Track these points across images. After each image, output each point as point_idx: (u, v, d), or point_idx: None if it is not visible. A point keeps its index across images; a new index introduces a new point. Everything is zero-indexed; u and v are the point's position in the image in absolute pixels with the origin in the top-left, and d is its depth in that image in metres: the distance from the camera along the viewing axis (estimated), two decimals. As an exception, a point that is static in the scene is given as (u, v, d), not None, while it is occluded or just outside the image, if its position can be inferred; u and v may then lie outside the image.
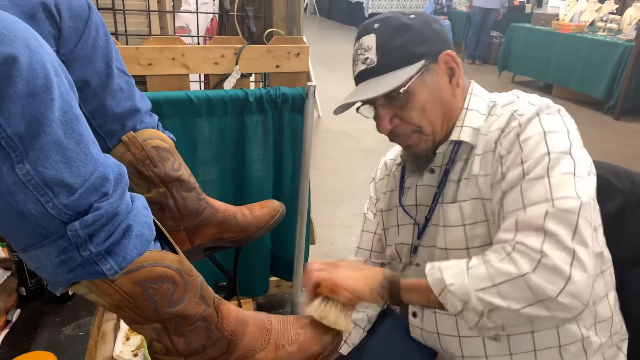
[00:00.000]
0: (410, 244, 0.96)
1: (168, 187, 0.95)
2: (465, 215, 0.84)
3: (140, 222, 0.58)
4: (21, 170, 0.48)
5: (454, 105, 0.87)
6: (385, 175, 1.09)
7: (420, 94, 0.83)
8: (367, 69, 0.84)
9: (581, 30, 5.58)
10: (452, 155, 0.88)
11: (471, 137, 0.85)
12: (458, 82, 0.87)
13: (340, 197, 3.06)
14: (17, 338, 0.89)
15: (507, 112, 0.82)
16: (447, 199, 0.88)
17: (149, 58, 1.43)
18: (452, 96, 0.87)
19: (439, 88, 0.85)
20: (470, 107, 0.88)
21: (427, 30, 0.84)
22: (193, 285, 0.64)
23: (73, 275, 0.54)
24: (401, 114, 0.85)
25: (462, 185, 0.86)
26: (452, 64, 0.86)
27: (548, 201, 0.70)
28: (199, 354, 0.68)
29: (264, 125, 1.53)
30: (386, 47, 0.82)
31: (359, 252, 1.15)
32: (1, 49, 0.45)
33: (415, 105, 0.84)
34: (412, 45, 0.82)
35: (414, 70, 0.81)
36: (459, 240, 0.85)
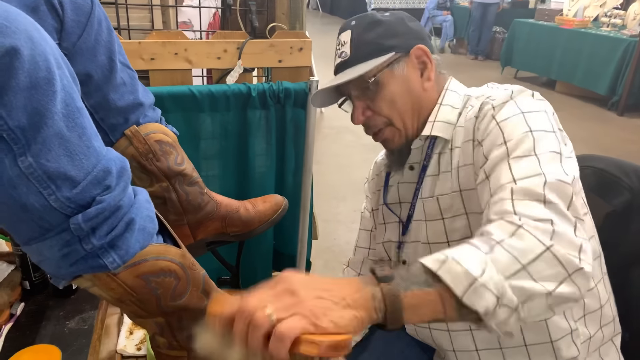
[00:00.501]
0: (396, 241, 0.98)
1: (171, 181, 0.95)
2: (444, 208, 0.85)
3: (143, 216, 0.58)
4: (23, 163, 0.48)
5: (424, 99, 0.89)
6: (375, 175, 1.11)
7: (389, 85, 0.86)
8: (342, 61, 0.89)
9: (585, 26, 5.54)
10: (428, 151, 0.89)
11: (443, 131, 0.86)
12: (430, 76, 0.89)
13: (342, 193, 3.06)
14: (21, 331, 0.90)
15: (479, 101, 0.83)
16: (425, 193, 0.89)
17: (151, 53, 1.42)
18: (422, 90, 0.88)
19: (409, 81, 0.87)
20: (444, 103, 0.89)
21: (400, 25, 0.88)
22: (195, 279, 0.64)
23: (76, 268, 0.54)
24: (372, 105, 0.88)
25: (440, 179, 0.86)
26: (424, 58, 0.88)
27: (540, 174, 0.66)
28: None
29: (267, 120, 1.53)
30: (358, 41, 0.87)
31: (357, 250, 1.17)
32: (3, 40, 0.45)
33: (385, 96, 0.86)
34: (383, 39, 0.86)
35: (382, 60, 0.85)
36: (439, 234, 0.86)
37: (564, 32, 5.51)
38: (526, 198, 0.64)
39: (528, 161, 0.69)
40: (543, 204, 0.63)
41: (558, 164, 0.69)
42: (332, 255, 2.40)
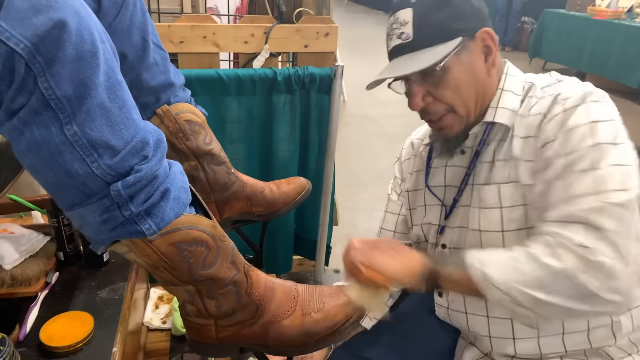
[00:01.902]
0: (437, 225, 0.96)
1: (199, 160, 0.97)
2: (504, 197, 0.82)
3: (177, 187, 0.60)
4: (69, 131, 0.50)
5: (488, 85, 0.85)
6: (412, 155, 1.07)
7: (455, 71, 0.81)
8: (402, 44, 0.82)
9: (618, 17, 5.37)
10: (484, 137, 0.86)
11: (507, 118, 0.83)
12: (494, 61, 0.85)
13: (363, 181, 3.07)
14: (56, 299, 0.94)
15: (549, 96, 0.79)
16: (480, 180, 0.86)
17: (180, 36, 1.45)
18: (487, 75, 0.84)
19: (475, 66, 0.83)
20: (505, 88, 0.85)
21: (466, 6, 0.82)
22: (225, 250, 0.67)
23: (115, 233, 0.57)
24: (435, 92, 0.83)
25: (497, 166, 0.84)
26: (489, 42, 0.83)
27: (595, 194, 0.68)
28: (229, 317, 0.71)
29: (292, 105, 1.55)
30: (423, 22, 0.80)
31: (382, 232, 1.15)
32: (52, 14, 0.47)
33: (450, 84, 0.81)
34: (450, 22, 0.80)
35: (451, 48, 0.79)
36: (494, 223, 0.84)
37: (596, 23, 5.35)
38: (575, 221, 0.69)
39: (587, 178, 0.69)
40: (590, 229, 0.67)
41: (619, 179, 0.68)
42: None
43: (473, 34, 0.82)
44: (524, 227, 0.81)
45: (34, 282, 0.93)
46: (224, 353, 0.77)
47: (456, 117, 0.85)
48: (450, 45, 0.80)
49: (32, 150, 0.51)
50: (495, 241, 0.83)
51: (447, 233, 0.94)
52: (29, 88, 0.48)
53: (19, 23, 0.46)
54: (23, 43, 0.46)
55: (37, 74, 0.48)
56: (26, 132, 0.50)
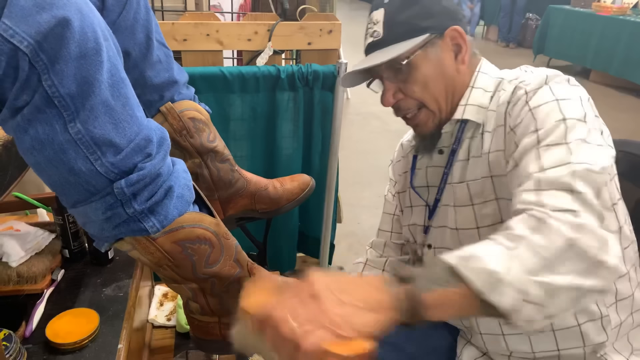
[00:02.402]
0: (422, 225, 0.98)
1: (203, 157, 0.98)
2: (474, 194, 0.84)
3: (180, 184, 0.61)
4: (73, 128, 0.51)
5: (458, 82, 0.87)
6: (401, 157, 1.09)
7: (422, 67, 0.84)
8: (373, 41, 0.86)
9: (624, 13, 5.33)
10: (459, 135, 0.87)
11: (475, 114, 0.85)
12: (464, 59, 0.86)
13: (367, 179, 3.06)
14: (62, 296, 0.95)
15: (513, 84, 0.81)
16: (455, 178, 0.88)
17: (184, 34, 1.45)
18: (456, 73, 0.86)
19: (443, 63, 0.85)
20: (475, 85, 0.87)
21: (435, 5, 0.85)
22: (228, 248, 0.67)
23: (118, 231, 0.57)
24: (404, 88, 0.86)
25: (470, 164, 0.85)
26: (458, 40, 0.85)
27: (569, 163, 0.65)
28: (232, 314, 0.71)
29: (295, 102, 1.55)
30: (392, 21, 0.84)
31: (379, 232, 1.18)
32: (56, 12, 0.47)
33: (418, 79, 0.84)
34: (418, 19, 0.83)
35: (416, 42, 0.83)
36: (469, 220, 0.85)
37: (601, 19, 5.31)
38: (552, 188, 0.64)
39: (558, 150, 0.68)
40: (570, 194, 0.62)
41: (589, 152, 0.67)
42: (356, 239, 2.41)
43: (442, 31, 0.84)
44: (498, 221, 0.81)
45: (40, 279, 0.94)
46: (228, 350, 0.78)
47: (429, 114, 0.87)
48: (416, 41, 0.83)
49: (36, 148, 0.51)
50: (472, 238, 0.84)
51: (432, 233, 0.96)
52: (33, 86, 0.48)
53: (23, 21, 0.46)
54: (27, 41, 0.46)
55: (41, 71, 0.48)
56: (30, 130, 0.50)
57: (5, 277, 0.91)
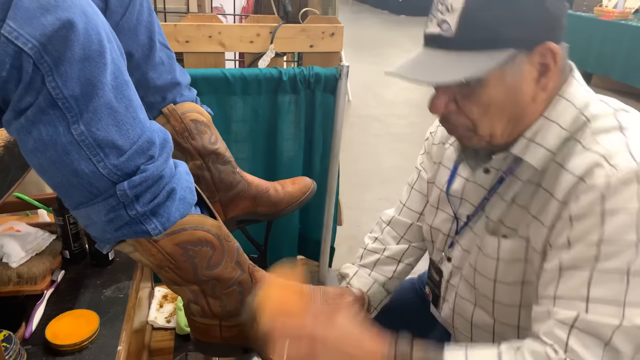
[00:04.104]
0: (446, 235, 0.90)
1: (205, 159, 0.98)
2: (503, 251, 0.74)
3: (183, 187, 0.61)
4: (76, 130, 0.51)
5: (529, 111, 0.69)
6: (442, 142, 0.94)
7: (492, 89, 0.66)
8: (440, 35, 0.67)
9: (625, 17, 5.34)
10: (513, 166, 0.74)
11: (539, 161, 0.69)
12: (546, 85, 0.67)
13: (368, 181, 3.06)
14: (62, 297, 0.95)
15: (594, 153, 0.63)
16: (493, 215, 0.77)
17: (186, 35, 1.46)
18: (531, 100, 0.68)
19: (520, 89, 0.67)
20: (551, 117, 0.69)
21: (535, 10, 0.64)
22: (230, 251, 0.67)
23: (120, 233, 0.57)
24: (461, 102, 0.69)
25: (512, 211, 0.73)
26: (548, 59, 0.66)
27: (620, 305, 0.57)
28: (233, 317, 0.71)
29: (297, 105, 1.55)
30: (472, 19, 0.63)
31: (404, 210, 1.02)
32: (60, 14, 0.47)
33: (481, 100, 0.67)
34: (506, 26, 0.63)
35: (496, 62, 0.63)
36: (489, 270, 0.77)
37: (602, 23, 5.32)
38: (588, 331, 0.58)
39: (615, 281, 0.58)
40: (603, 347, 0.57)
41: None
42: (356, 242, 2.41)
43: (532, 46, 0.65)
44: (519, 281, 0.73)
45: (40, 280, 0.94)
46: (228, 353, 0.77)
47: (476, 136, 0.72)
48: (496, 57, 0.64)
49: (39, 149, 0.51)
50: (487, 287, 0.77)
51: (456, 249, 0.88)
52: (37, 87, 0.48)
53: (27, 23, 0.46)
54: (31, 42, 0.46)
55: (45, 73, 0.48)
56: (33, 132, 0.50)
57: (5, 278, 0.91)
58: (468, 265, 0.82)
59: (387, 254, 1.02)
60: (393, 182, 3.02)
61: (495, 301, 0.77)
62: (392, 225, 1.04)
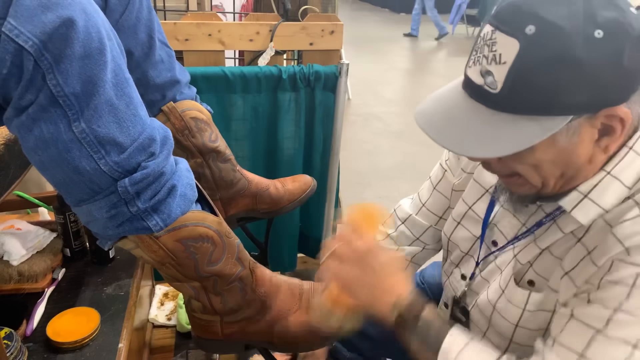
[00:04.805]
0: (463, 253, 0.85)
1: (205, 157, 0.98)
2: (531, 303, 0.70)
3: (183, 183, 0.61)
4: (77, 128, 0.51)
5: (584, 170, 0.61)
6: None
7: (541, 153, 0.58)
8: (483, 89, 0.57)
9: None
10: (557, 213, 0.67)
11: (589, 219, 0.61)
12: (609, 148, 0.58)
13: (368, 179, 3.06)
14: (63, 295, 0.95)
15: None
16: (523, 258, 0.71)
17: (186, 34, 1.46)
18: (587, 162, 0.60)
19: (575, 151, 0.58)
20: (614, 172, 0.60)
21: (608, 70, 0.52)
22: (231, 247, 0.67)
23: (122, 229, 0.57)
24: (509, 162, 0.62)
25: (546, 259, 0.68)
26: (615, 124, 0.56)
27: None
28: (234, 313, 0.71)
29: (296, 103, 1.55)
30: (524, 80, 0.53)
31: (423, 211, 0.95)
32: (61, 12, 0.47)
33: (529, 161, 0.60)
34: (568, 91, 0.52)
35: (550, 131, 0.54)
36: (511, 317, 0.72)
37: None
38: None
39: (616, 350, 0.55)
40: None
41: None
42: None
43: (596, 111, 0.55)
44: (543, 328, 0.70)
45: (41, 278, 0.94)
46: (229, 350, 0.78)
47: (527, 184, 0.64)
48: (548, 127, 0.54)
49: (41, 147, 0.51)
50: (505, 328, 0.74)
51: (473, 270, 0.83)
52: (38, 85, 0.48)
53: (28, 21, 0.46)
54: (32, 40, 0.47)
55: (46, 71, 0.48)
56: (34, 129, 0.50)
57: (6, 276, 0.92)
58: (486, 301, 0.77)
59: None
60: (393, 180, 3.02)
61: (513, 341, 0.74)
62: (408, 224, 0.97)
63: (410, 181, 2.94)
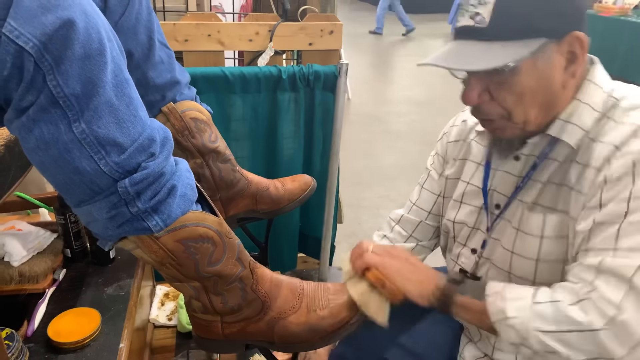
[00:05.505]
0: (470, 227, 0.90)
1: (205, 158, 0.98)
2: (548, 227, 0.75)
3: (183, 183, 0.61)
4: (77, 128, 0.51)
5: (560, 97, 0.73)
6: (461, 139, 0.95)
7: (525, 77, 0.70)
8: (474, 27, 0.70)
9: (625, 13, 5.33)
10: (547, 150, 0.76)
11: (574, 137, 0.72)
12: (575, 72, 0.72)
13: (368, 179, 3.07)
14: (63, 295, 0.95)
15: (630, 124, 0.68)
16: (527, 198, 0.78)
17: (185, 34, 1.46)
18: (561, 87, 0.72)
19: (550, 76, 0.71)
20: (583, 100, 0.73)
21: (565, 3, 0.69)
22: (231, 247, 0.67)
23: (122, 230, 0.58)
24: (495, 91, 0.72)
25: (549, 190, 0.76)
26: (576, 48, 0.70)
27: None
28: (235, 313, 0.71)
29: (296, 103, 1.55)
30: (505, 10, 0.67)
31: (414, 209, 1.03)
32: (61, 13, 0.48)
33: (515, 88, 0.70)
34: (537, 16, 0.67)
35: (529, 50, 0.67)
36: (531, 250, 0.77)
37: (602, 19, 5.31)
38: (612, 274, 0.63)
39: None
40: (626, 287, 0.62)
41: None
42: (356, 240, 2.40)
43: (561, 36, 0.69)
44: (561, 259, 0.75)
45: (42, 278, 0.95)
46: (230, 349, 0.78)
47: (510, 124, 0.75)
48: (528, 46, 0.68)
49: (41, 147, 0.52)
50: (526, 268, 0.78)
51: (484, 239, 0.88)
52: (38, 86, 0.49)
53: (28, 22, 0.47)
54: (32, 42, 0.47)
55: (46, 72, 0.48)
56: (35, 130, 0.51)
57: (7, 277, 0.92)
58: (502, 251, 0.82)
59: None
60: (393, 179, 3.02)
61: (536, 282, 0.78)
62: (401, 223, 1.06)
63: (410, 181, 2.94)
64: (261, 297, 0.72)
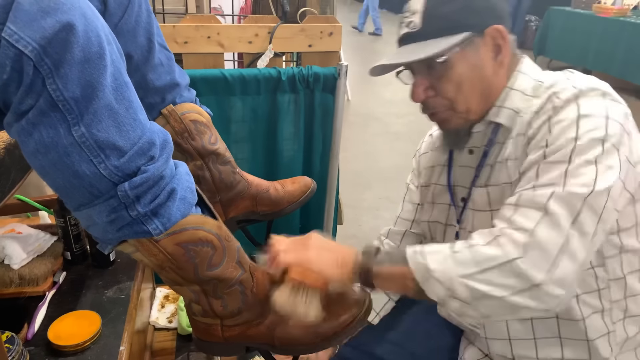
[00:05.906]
0: (443, 224, 0.95)
1: (205, 160, 0.98)
2: (493, 200, 0.82)
3: (183, 187, 0.61)
4: (77, 132, 0.51)
5: (494, 84, 0.82)
6: (430, 149, 1.05)
7: (459, 67, 0.79)
8: (409, 33, 0.82)
9: (624, 14, 5.34)
10: (492, 137, 0.84)
11: (508, 119, 0.81)
12: (503, 61, 0.82)
13: (368, 180, 3.07)
14: (63, 298, 0.95)
15: (546, 94, 0.77)
16: (481, 182, 0.86)
17: (185, 36, 1.46)
18: (493, 75, 0.82)
19: (480, 64, 0.80)
20: (514, 87, 0.82)
21: (479, 1, 0.80)
22: (231, 251, 0.67)
23: (122, 233, 0.58)
24: (437, 86, 0.82)
25: (495, 169, 0.83)
26: (499, 40, 0.80)
27: (559, 185, 0.67)
28: (235, 316, 0.71)
29: (296, 105, 1.55)
30: (432, 13, 0.79)
31: (399, 221, 1.13)
32: (60, 16, 0.48)
33: (452, 79, 0.80)
34: (459, 15, 0.79)
35: (456, 41, 0.78)
36: (485, 225, 0.79)
37: (601, 20, 5.32)
38: (529, 206, 0.68)
39: (556, 170, 0.68)
40: (541, 215, 0.66)
41: (590, 175, 0.66)
42: (357, 241, 2.42)
43: (482, 30, 0.79)
44: None
45: (42, 281, 0.94)
46: (230, 352, 0.78)
47: (455, 114, 0.83)
48: (455, 39, 0.78)
49: (41, 151, 0.51)
50: None
51: (456, 233, 0.92)
52: (37, 90, 0.49)
53: (28, 26, 0.46)
54: (31, 45, 0.47)
55: (45, 75, 0.48)
56: (34, 134, 0.51)
57: (7, 280, 0.92)
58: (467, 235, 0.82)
59: None
60: (393, 180, 3.02)
61: None
62: (390, 237, 1.14)
63: (410, 182, 2.94)
64: (261, 301, 0.72)
